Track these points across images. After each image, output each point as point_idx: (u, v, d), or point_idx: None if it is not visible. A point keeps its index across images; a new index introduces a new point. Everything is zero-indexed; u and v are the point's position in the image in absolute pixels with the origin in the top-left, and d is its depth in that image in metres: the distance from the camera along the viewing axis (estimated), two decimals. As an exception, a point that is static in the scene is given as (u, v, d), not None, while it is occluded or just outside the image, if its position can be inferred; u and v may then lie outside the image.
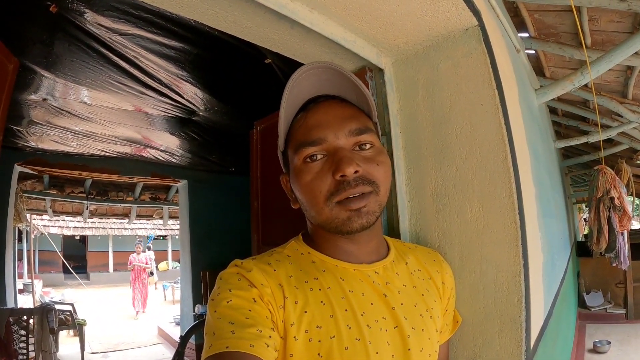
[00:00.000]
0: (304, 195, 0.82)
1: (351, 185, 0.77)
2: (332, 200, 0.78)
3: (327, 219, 0.80)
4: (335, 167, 0.77)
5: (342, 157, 0.77)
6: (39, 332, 4.01)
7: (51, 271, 16.86)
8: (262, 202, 2.30)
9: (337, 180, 0.77)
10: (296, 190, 0.85)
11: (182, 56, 2.56)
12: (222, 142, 4.50)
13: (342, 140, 0.80)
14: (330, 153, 0.80)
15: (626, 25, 2.60)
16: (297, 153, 0.82)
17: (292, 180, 0.85)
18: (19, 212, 4.97)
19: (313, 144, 0.80)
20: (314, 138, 0.80)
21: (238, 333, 0.67)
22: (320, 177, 0.79)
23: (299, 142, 0.82)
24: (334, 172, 0.77)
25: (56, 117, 3.53)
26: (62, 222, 13.95)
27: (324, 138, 0.80)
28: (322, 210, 0.80)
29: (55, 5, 1.92)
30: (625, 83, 3.37)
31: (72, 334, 6.47)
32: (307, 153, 0.80)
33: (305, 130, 0.82)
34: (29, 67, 2.54)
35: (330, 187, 0.78)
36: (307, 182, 0.80)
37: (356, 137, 0.81)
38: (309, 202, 0.82)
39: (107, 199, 7.45)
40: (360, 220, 0.79)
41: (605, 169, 3.62)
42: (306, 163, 0.81)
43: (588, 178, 5.77)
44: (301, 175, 0.81)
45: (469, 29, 1.32)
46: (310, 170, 0.80)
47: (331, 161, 0.79)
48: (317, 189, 0.79)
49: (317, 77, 0.83)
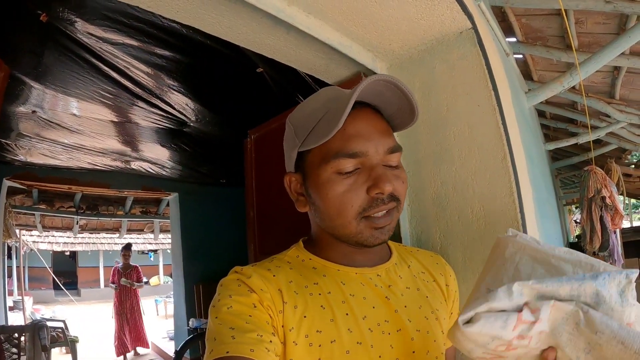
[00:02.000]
0: (331, 207, 0.78)
1: (385, 202, 0.76)
2: (362, 215, 0.77)
3: (351, 233, 0.78)
4: (372, 183, 0.75)
5: (382, 174, 0.75)
6: (31, 349, 3.93)
7: (41, 288, 16.56)
8: (258, 211, 2.29)
9: (371, 196, 0.76)
10: (319, 199, 0.80)
11: (173, 66, 2.54)
12: (213, 153, 4.48)
13: (381, 156, 0.78)
14: (366, 167, 0.77)
15: (612, 26, 2.65)
16: (330, 162, 0.77)
17: (314, 187, 0.81)
18: (8, 227, 4.89)
19: (353, 156, 0.76)
20: (354, 150, 0.76)
21: (238, 338, 0.67)
22: (354, 190, 0.76)
23: (334, 150, 0.77)
24: (369, 188, 0.75)
25: (45, 129, 3.49)
26: (51, 237, 13.75)
27: (365, 152, 0.76)
28: (349, 224, 0.78)
29: (45, 14, 1.91)
30: (612, 83, 3.43)
31: (65, 351, 6.36)
32: (343, 165, 0.76)
33: (343, 138, 0.76)
34: (19, 78, 2.51)
35: (364, 203, 0.76)
36: (339, 194, 0.77)
37: (391, 154, 0.79)
38: (336, 214, 0.78)
39: (97, 213, 7.37)
40: (382, 237, 0.78)
41: (596, 169, 3.65)
42: (339, 174, 0.77)
43: (577, 180, 5.84)
44: (331, 185, 0.77)
45: (463, 32, 1.33)
46: (344, 182, 0.76)
47: (366, 176, 0.76)
48: (349, 203, 0.76)
49: (372, 87, 0.77)
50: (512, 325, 0.55)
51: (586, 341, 0.55)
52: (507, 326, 0.55)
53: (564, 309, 0.56)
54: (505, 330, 0.55)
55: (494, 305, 0.57)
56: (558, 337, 0.57)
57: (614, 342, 0.53)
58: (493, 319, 0.56)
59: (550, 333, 0.58)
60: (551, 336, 0.58)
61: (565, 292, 0.57)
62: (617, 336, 0.53)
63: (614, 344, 0.53)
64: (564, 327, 0.57)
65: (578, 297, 0.57)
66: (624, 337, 0.52)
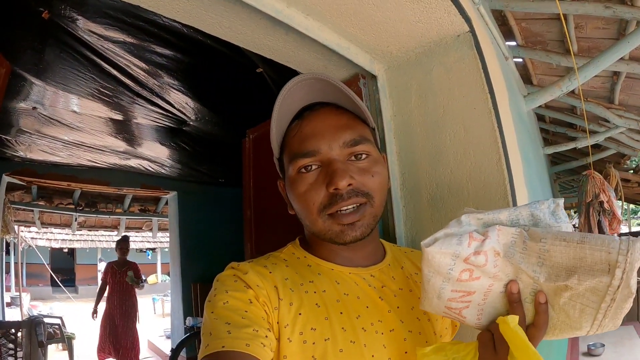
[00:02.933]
0: (299, 205, 0.82)
1: (344, 198, 0.77)
2: (325, 212, 0.78)
3: (321, 230, 0.80)
4: (328, 179, 0.77)
5: (336, 169, 0.77)
6: (28, 345, 3.93)
7: (39, 284, 16.54)
8: (255, 211, 2.29)
9: (330, 192, 0.77)
10: (291, 199, 0.85)
11: (174, 64, 2.55)
12: (212, 152, 4.48)
13: (336, 152, 0.80)
14: (325, 164, 0.79)
15: (612, 31, 2.65)
16: (292, 163, 0.82)
17: (288, 188, 0.85)
18: (7, 223, 4.88)
19: (306, 156, 0.80)
20: (307, 149, 0.80)
21: (234, 333, 0.67)
22: (314, 188, 0.79)
23: (293, 152, 0.82)
24: (327, 185, 0.77)
25: (45, 126, 3.49)
26: (50, 234, 13.74)
27: (317, 150, 0.79)
28: (316, 222, 0.80)
29: (47, 12, 1.92)
30: (611, 88, 3.43)
31: (61, 347, 6.36)
32: (300, 164, 0.80)
33: (299, 140, 0.82)
34: (20, 74, 2.52)
35: (324, 199, 0.78)
36: (301, 192, 0.80)
37: (351, 148, 0.80)
38: (303, 213, 0.82)
39: (96, 210, 7.36)
40: (353, 233, 0.79)
41: (594, 173, 3.66)
42: (300, 174, 0.81)
43: (576, 184, 5.84)
44: (295, 185, 0.81)
45: (461, 35, 1.34)
46: (304, 181, 0.80)
47: (325, 173, 0.79)
48: (311, 201, 0.79)
49: (309, 87, 0.83)
50: (466, 242, 0.64)
51: (537, 254, 0.63)
52: (462, 242, 0.64)
53: (509, 231, 0.65)
54: (461, 246, 0.63)
55: (448, 231, 0.67)
56: (512, 258, 0.65)
57: (557, 242, 0.61)
58: (449, 238, 0.65)
59: (504, 257, 0.65)
60: (506, 261, 0.65)
61: (505, 217, 0.68)
62: (558, 236, 0.61)
63: (557, 244, 0.61)
64: (514, 248, 0.65)
65: (517, 221, 0.67)
66: (563, 235, 0.61)
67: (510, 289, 0.66)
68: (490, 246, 0.64)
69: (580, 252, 0.59)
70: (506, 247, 0.65)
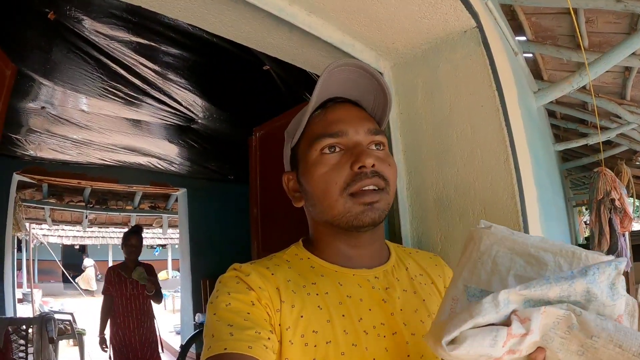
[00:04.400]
0: (317, 187, 0.82)
1: (368, 176, 0.78)
2: (347, 191, 0.78)
3: (340, 213, 0.80)
4: (354, 158, 0.78)
5: (362, 150, 0.79)
6: (38, 341, 3.98)
7: (50, 280, 16.77)
8: (261, 208, 2.29)
9: (354, 172, 0.78)
10: (308, 184, 0.84)
11: (180, 63, 2.55)
12: (220, 149, 4.49)
13: (361, 136, 0.82)
14: (349, 148, 0.81)
15: (623, 26, 2.61)
16: (314, 144, 0.82)
17: (304, 174, 0.85)
18: (18, 221, 4.95)
19: (333, 136, 0.81)
20: (334, 130, 0.81)
21: (237, 335, 0.67)
22: (337, 168, 0.80)
23: (316, 134, 0.83)
24: (352, 164, 0.78)
25: (55, 125, 3.52)
26: (61, 231, 13.87)
27: (344, 131, 0.81)
28: (336, 203, 0.79)
29: (53, 12, 1.93)
30: (623, 84, 3.38)
31: (72, 343, 6.41)
32: (326, 143, 0.81)
33: (324, 124, 0.83)
34: (28, 74, 2.54)
35: (347, 178, 0.78)
36: (323, 173, 0.80)
37: (373, 136, 0.83)
38: (322, 194, 0.81)
39: (106, 207, 7.41)
40: (372, 215, 0.79)
41: (606, 170, 3.61)
42: (323, 155, 0.81)
43: (587, 181, 5.77)
44: (317, 166, 0.81)
45: (468, 31, 1.32)
46: (327, 162, 0.81)
47: (350, 154, 0.80)
48: (333, 181, 0.79)
49: (345, 75, 0.84)
50: (502, 341, 0.51)
51: (579, 344, 0.52)
52: (496, 343, 0.50)
53: (555, 313, 0.52)
54: (495, 347, 0.51)
55: (479, 320, 0.51)
56: (549, 343, 0.53)
57: (610, 346, 0.50)
58: (481, 336, 0.51)
59: (541, 341, 0.54)
60: (541, 342, 0.54)
61: (555, 294, 0.53)
62: (613, 339, 0.49)
63: (610, 348, 0.50)
64: (555, 332, 0.53)
65: (568, 297, 0.53)
66: (621, 339, 0.49)
67: (536, 358, 0.56)
68: (530, 342, 0.53)
69: None
70: (546, 328, 0.53)
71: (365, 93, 0.87)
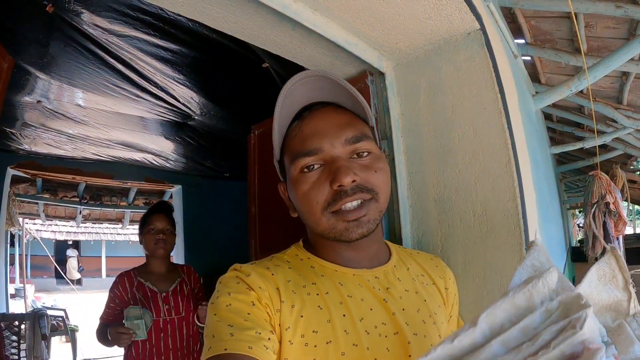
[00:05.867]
0: (302, 206, 0.81)
1: (348, 194, 0.76)
2: (329, 210, 0.78)
3: (325, 230, 0.80)
4: (332, 176, 0.76)
5: (339, 166, 0.76)
6: (31, 337, 3.95)
7: (43, 276, 16.66)
8: (259, 207, 2.28)
9: (334, 190, 0.77)
10: (294, 200, 0.84)
11: (179, 59, 2.54)
12: (217, 147, 4.47)
13: (339, 149, 0.79)
14: (327, 162, 0.79)
15: (622, 31, 2.62)
16: (294, 163, 0.81)
17: (290, 190, 0.84)
18: (12, 215, 4.90)
19: (309, 154, 0.79)
20: (310, 148, 0.79)
21: (237, 335, 0.67)
22: (317, 186, 0.78)
23: (294, 152, 0.81)
24: (331, 182, 0.76)
25: (50, 119, 3.49)
26: (54, 226, 13.82)
27: (319, 148, 0.79)
28: (320, 221, 0.79)
29: (51, 5, 1.90)
30: (620, 89, 3.40)
31: (65, 340, 6.39)
32: (303, 164, 0.79)
33: (300, 139, 0.81)
34: (24, 67, 2.51)
35: (327, 197, 0.77)
36: (304, 192, 0.79)
37: (353, 145, 0.80)
38: (307, 213, 0.81)
39: (100, 203, 7.37)
40: (359, 230, 0.78)
41: (601, 174, 3.62)
42: (303, 173, 0.80)
43: (582, 184, 5.80)
44: (298, 185, 0.80)
45: (471, 33, 1.31)
46: (307, 180, 0.79)
47: (328, 171, 0.78)
48: (314, 199, 0.78)
49: (310, 85, 0.82)
50: None
51: None
52: None
53: None
54: None
55: None
56: None
57: None
58: None
59: None
60: None
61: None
62: None
63: None
64: None
65: None
66: None
67: None
68: None
69: None
70: None
71: (339, 96, 0.84)
